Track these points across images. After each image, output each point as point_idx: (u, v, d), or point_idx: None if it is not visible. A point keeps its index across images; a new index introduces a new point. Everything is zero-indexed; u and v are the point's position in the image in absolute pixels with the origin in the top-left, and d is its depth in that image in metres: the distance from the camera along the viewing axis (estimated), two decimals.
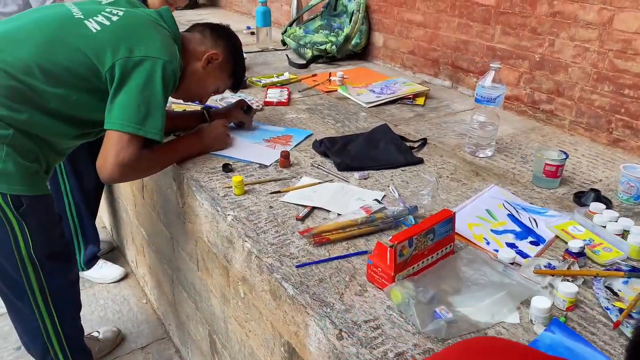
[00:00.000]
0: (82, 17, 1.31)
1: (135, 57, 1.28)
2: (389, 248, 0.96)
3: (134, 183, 2.01)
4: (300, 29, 2.81)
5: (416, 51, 2.41)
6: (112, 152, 1.28)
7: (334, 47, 2.59)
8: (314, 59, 2.60)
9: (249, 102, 1.77)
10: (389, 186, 1.39)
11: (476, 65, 2.13)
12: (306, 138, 1.69)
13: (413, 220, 1.21)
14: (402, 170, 1.49)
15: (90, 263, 2.30)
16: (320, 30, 2.75)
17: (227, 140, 1.59)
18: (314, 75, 2.40)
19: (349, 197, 1.32)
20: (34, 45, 1.25)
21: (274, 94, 2.07)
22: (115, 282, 2.37)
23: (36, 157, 1.30)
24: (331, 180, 1.41)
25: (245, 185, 1.35)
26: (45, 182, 1.37)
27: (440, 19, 2.24)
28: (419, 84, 2.24)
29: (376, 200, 1.29)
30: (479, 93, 1.54)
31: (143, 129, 1.30)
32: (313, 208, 1.27)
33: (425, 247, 1.01)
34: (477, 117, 1.58)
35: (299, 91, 2.18)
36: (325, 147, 1.57)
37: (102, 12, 1.33)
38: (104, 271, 2.36)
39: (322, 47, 2.59)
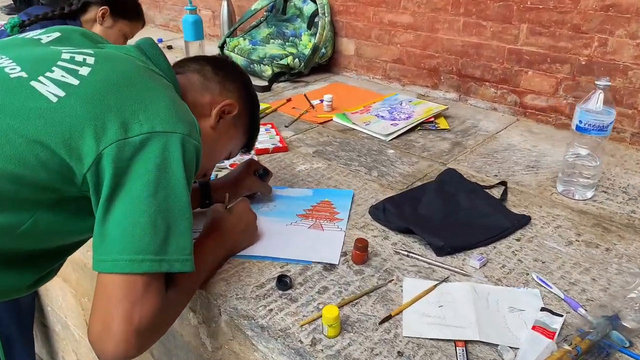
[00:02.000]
0: (24, 75, 0.70)
1: (135, 136, 0.71)
2: None
3: (86, 294, 1.37)
4: (244, 39, 2.26)
5: (404, 59, 2.00)
6: (118, 313, 0.70)
7: (297, 60, 2.09)
8: (276, 78, 2.08)
9: (256, 159, 1.24)
10: (527, 274, 0.97)
11: (494, 73, 1.77)
12: (351, 202, 1.21)
13: (625, 341, 0.81)
14: (516, 240, 1.08)
15: None
16: (272, 40, 2.23)
17: (257, 232, 1.05)
18: (289, 100, 1.89)
19: (496, 308, 0.88)
20: None
21: (261, 137, 1.53)
22: None
23: None
24: (446, 279, 0.95)
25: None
26: None
27: (438, 19, 1.85)
28: (416, 98, 1.84)
29: (547, 310, 0.86)
30: (585, 120, 1.17)
31: (166, 260, 0.73)
32: (466, 343, 0.81)
33: None
34: (578, 150, 1.21)
35: (286, 126, 1.66)
36: (396, 216, 1.11)
37: (58, 63, 0.73)
38: None
39: (283, 61, 2.08)
